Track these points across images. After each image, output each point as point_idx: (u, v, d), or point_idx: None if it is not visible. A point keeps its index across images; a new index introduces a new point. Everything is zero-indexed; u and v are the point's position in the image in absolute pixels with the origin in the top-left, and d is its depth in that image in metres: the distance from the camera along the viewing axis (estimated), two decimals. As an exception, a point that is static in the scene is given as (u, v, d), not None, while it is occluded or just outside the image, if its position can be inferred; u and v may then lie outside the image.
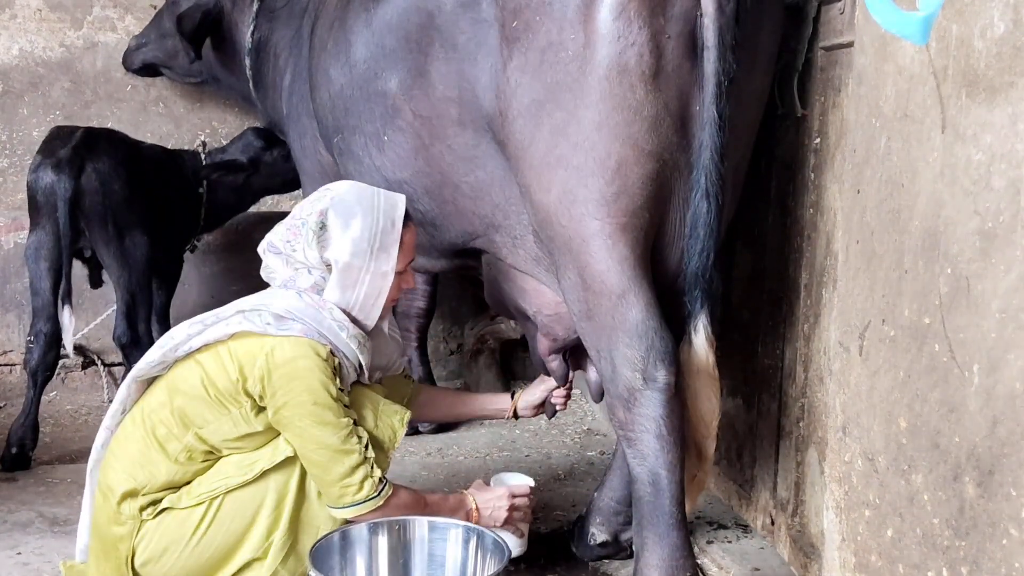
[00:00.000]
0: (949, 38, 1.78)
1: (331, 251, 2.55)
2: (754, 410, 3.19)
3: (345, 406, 2.51)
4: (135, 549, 2.54)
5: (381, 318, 2.66)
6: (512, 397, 3.16)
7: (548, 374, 3.05)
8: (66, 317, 3.81)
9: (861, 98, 2.15)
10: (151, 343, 3.95)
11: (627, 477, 2.75)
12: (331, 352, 2.51)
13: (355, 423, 2.52)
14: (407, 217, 2.65)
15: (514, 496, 2.79)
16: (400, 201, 2.65)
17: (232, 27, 4.40)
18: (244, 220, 4.81)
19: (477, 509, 2.72)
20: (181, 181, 4.40)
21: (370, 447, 2.52)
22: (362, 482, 2.49)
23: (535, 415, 3.18)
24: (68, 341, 3.87)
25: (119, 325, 4.00)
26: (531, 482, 2.92)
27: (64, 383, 4.84)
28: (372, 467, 2.51)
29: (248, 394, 2.49)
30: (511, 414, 3.15)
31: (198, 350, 2.56)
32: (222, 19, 4.41)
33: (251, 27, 4.22)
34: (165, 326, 4.28)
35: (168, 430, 2.53)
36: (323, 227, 2.55)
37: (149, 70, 4.83)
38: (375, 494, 2.50)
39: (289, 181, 4.47)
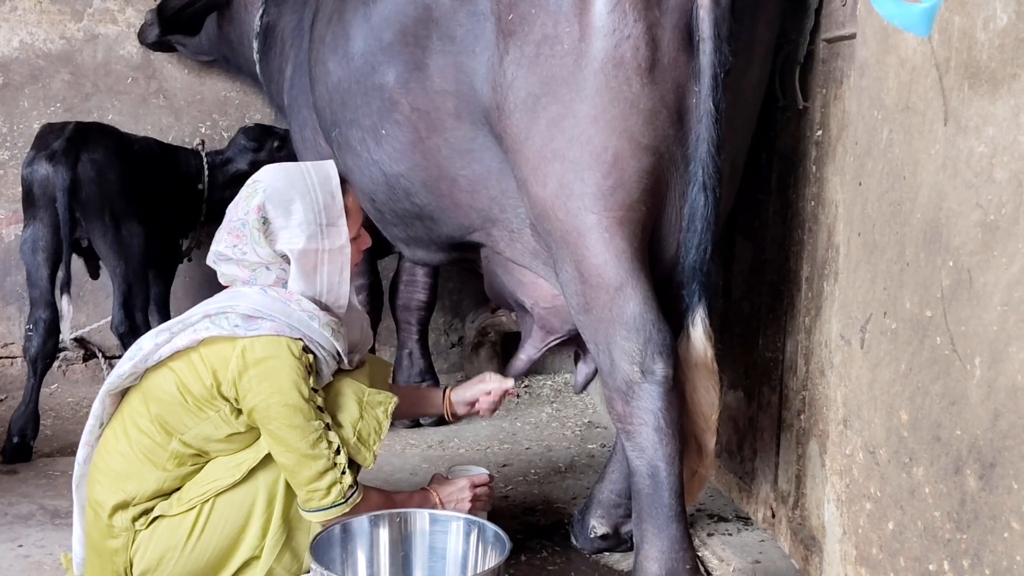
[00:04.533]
0: (951, 30, 1.77)
1: (281, 243, 2.51)
2: (755, 403, 3.19)
3: (318, 408, 2.49)
4: (132, 560, 2.54)
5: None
6: (445, 393, 3.10)
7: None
8: (65, 306, 3.84)
9: (863, 90, 2.14)
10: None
11: (627, 470, 2.75)
12: (304, 348, 2.49)
13: (327, 427, 2.49)
14: (343, 182, 2.61)
15: (475, 486, 2.81)
16: (331, 169, 2.60)
17: (242, 9, 4.40)
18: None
19: (441, 502, 2.74)
20: (177, 176, 4.42)
21: (342, 453, 2.50)
22: (329, 488, 2.48)
23: (469, 413, 3.09)
24: (66, 331, 3.88)
25: (116, 315, 4.03)
26: (487, 472, 2.93)
27: (65, 376, 4.85)
28: (342, 472, 2.49)
29: (224, 398, 2.48)
30: (447, 411, 3.08)
31: (169, 357, 2.52)
32: (231, 0, 4.42)
33: (260, 11, 4.21)
34: (165, 316, 4.30)
35: (151, 440, 2.51)
36: (265, 222, 2.50)
37: (163, 45, 4.83)
38: (341, 500, 2.49)
39: None
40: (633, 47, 2.30)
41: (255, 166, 4.46)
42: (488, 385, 3.06)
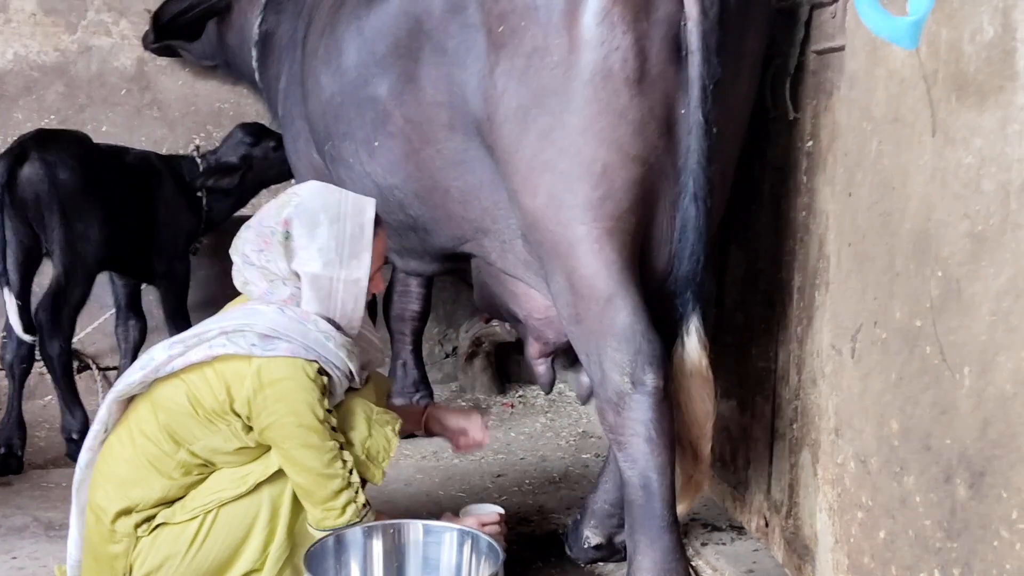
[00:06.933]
0: (939, 42, 1.78)
1: (298, 262, 2.49)
2: (748, 412, 3.19)
3: (332, 428, 2.49)
4: (132, 565, 2.54)
5: None
6: (424, 411, 3.05)
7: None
8: (5, 296, 3.71)
9: (853, 102, 2.15)
10: (68, 334, 3.83)
11: (620, 480, 2.75)
12: (319, 370, 2.48)
13: (341, 447, 2.50)
14: (378, 222, 2.58)
15: (484, 524, 2.78)
16: (369, 205, 2.57)
17: (242, 16, 4.40)
18: (242, 222, 4.81)
19: None
20: (178, 185, 4.40)
21: (355, 472, 2.51)
22: (344, 507, 2.48)
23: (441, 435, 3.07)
24: (15, 323, 3.75)
25: (43, 301, 3.82)
26: (500, 510, 2.90)
27: (59, 387, 4.83)
28: (356, 492, 2.50)
29: (236, 414, 2.47)
30: (422, 428, 3.04)
31: (181, 369, 2.51)
32: (232, 7, 4.44)
33: (259, 19, 4.21)
34: (185, 325, 4.16)
35: (159, 448, 2.50)
36: (288, 236, 2.49)
37: (166, 49, 4.84)
38: (356, 520, 2.50)
39: (286, 171, 4.47)
40: (622, 59, 2.31)
41: (246, 161, 4.46)
42: (472, 423, 3.01)
